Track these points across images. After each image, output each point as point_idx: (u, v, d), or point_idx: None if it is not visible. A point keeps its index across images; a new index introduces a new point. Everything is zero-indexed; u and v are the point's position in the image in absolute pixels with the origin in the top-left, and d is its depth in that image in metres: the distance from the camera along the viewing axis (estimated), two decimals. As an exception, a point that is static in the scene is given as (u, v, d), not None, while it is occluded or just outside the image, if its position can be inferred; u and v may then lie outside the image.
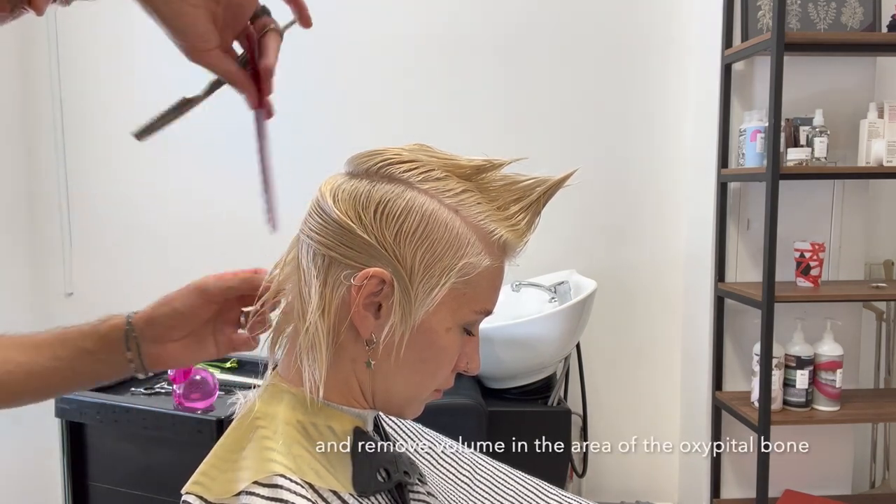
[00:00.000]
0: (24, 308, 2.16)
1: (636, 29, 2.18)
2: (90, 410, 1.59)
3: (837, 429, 2.08)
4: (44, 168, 2.20)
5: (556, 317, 1.75)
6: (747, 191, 2.03)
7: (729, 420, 2.02)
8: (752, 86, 2.01)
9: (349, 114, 2.19)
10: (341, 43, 2.17)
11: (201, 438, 1.49)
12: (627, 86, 2.20)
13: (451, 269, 0.61)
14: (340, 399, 0.65)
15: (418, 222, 0.61)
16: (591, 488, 2.25)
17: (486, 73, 2.18)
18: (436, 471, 0.80)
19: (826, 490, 2.08)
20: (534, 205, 0.65)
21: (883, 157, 1.82)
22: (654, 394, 2.29)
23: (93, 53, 2.19)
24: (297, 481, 0.58)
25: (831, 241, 2.04)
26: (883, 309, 2.17)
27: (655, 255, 2.24)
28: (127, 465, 1.61)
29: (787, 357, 1.88)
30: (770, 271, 1.75)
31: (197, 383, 1.57)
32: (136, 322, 0.69)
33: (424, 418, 0.78)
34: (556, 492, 0.86)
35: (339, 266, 0.62)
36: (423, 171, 0.62)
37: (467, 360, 0.68)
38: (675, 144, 2.21)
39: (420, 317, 0.62)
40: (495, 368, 1.81)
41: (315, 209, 0.64)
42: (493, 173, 0.64)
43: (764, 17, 1.94)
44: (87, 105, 2.20)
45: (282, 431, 0.61)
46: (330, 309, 0.62)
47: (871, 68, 2.03)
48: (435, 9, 2.17)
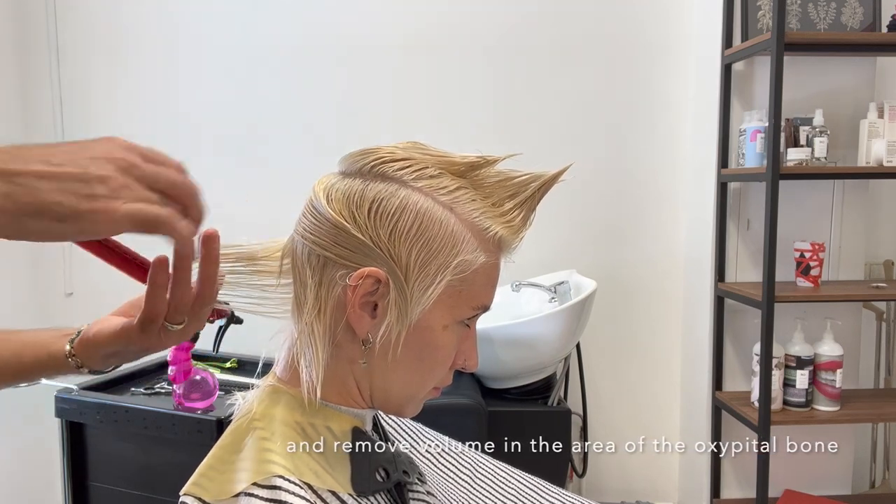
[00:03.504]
0: (24, 308, 2.15)
1: (636, 29, 2.18)
2: (90, 410, 1.59)
3: (837, 429, 2.08)
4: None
5: (556, 317, 1.75)
6: (747, 191, 2.03)
7: (729, 420, 2.02)
8: (752, 86, 2.01)
9: (343, 113, 2.18)
10: (336, 43, 2.17)
11: (201, 438, 1.50)
12: (627, 86, 2.20)
13: (446, 266, 0.61)
14: (338, 399, 0.65)
15: (413, 221, 0.60)
16: (591, 488, 2.25)
17: (486, 72, 2.18)
18: (436, 470, 0.80)
19: (826, 490, 2.08)
20: (529, 200, 0.65)
21: (883, 157, 1.82)
22: (654, 394, 2.29)
23: (93, 53, 2.19)
24: (296, 482, 0.58)
25: (831, 241, 2.04)
26: (883, 309, 2.17)
27: (655, 255, 2.24)
28: (127, 465, 1.61)
29: (787, 357, 1.88)
30: (770, 271, 1.75)
31: (197, 383, 1.57)
32: (77, 350, 0.66)
33: (425, 418, 0.78)
34: (556, 491, 0.85)
35: (334, 266, 0.61)
36: (416, 170, 0.62)
37: (465, 357, 0.68)
38: (675, 144, 2.21)
39: (416, 315, 0.62)
40: (495, 368, 1.80)
41: (309, 209, 0.64)
42: (488, 170, 0.64)
43: (764, 17, 1.94)
44: (88, 105, 2.20)
45: (280, 432, 0.61)
46: (326, 309, 0.62)
47: (871, 68, 2.02)
48: (434, 8, 2.17)
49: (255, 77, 2.19)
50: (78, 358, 0.65)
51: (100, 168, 0.47)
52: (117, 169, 0.48)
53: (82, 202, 0.46)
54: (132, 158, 0.49)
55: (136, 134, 1.97)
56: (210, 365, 1.83)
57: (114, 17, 2.18)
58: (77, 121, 2.20)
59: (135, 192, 0.49)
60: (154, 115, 2.20)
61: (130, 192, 0.48)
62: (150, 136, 2.21)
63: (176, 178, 0.52)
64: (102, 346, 0.63)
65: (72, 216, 0.46)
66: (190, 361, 1.59)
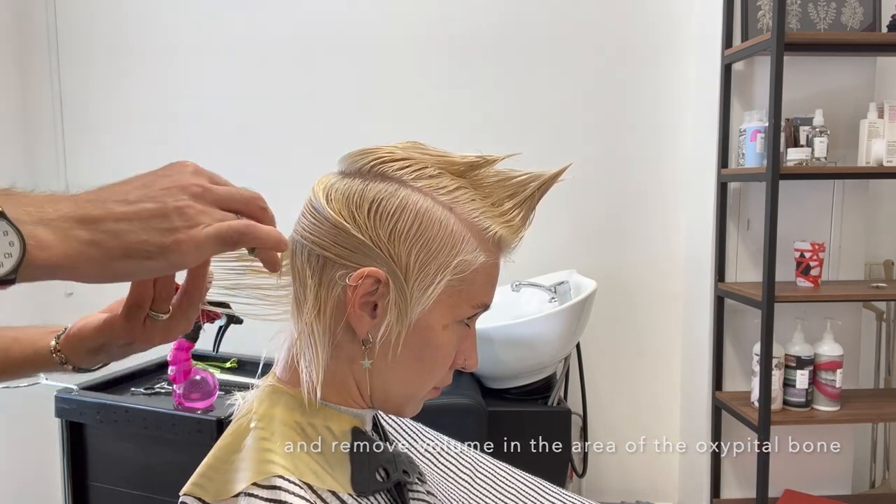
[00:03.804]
0: (23, 308, 2.15)
1: (636, 29, 2.18)
2: (90, 410, 1.59)
3: (837, 429, 2.08)
4: (44, 167, 2.20)
5: (556, 317, 1.75)
6: (747, 191, 2.03)
7: (729, 420, 2.02)
8: (752, 86, 2.01)
9: (342, 113, 2.19)
10: (335, 43, 2.17)
11: (201, 438, 1.50)
12: (627, 86, 2.20)
13: (446, 266, 0.61)
14: (338, 399, 0.65)
15: (412, 221, 0.60)
16: (591, 488, 2.25)
17: (485, 72, 2.18)
18: (436, 470, 0.80)
19: (826, 490, 2.08)
20: (528, 200, 0.65)
21: (883, 157, 1.82)
22: (654, 394, 2.29)
23: (93, 53, 2.19)
24: (296, 482, 0.58)
25: (831, 241, 2.04)
26: (883, 309, 2.17)
27: (655, 255, 2.24)
28: (127, 465, 1.61)
29: (787, 357, 1.88)
30: (770, 271, 1.75)
31: (197, 383, 1.57)
32: (62, 346, 0.67)
33: (425, 418, 0.78)
34: (556, 491, 0.85)
35: (334, 266, 0.61)
36: (416, 169, 0.62)
37: (465, 356, 0.68)
38: (675, 144, 2.21)
39: (416, 315, 0.61)
40: (495, 368, 1.80)
41: (308, 209, 0.64)
42: (487, 169, 0.64)
43: (764, 17, 1.94)
44: (88, 105, 2.20)
45: (280, 432, 0.61)
46: (325, 309, 0.62)
47: (871, 68, 2.02)
48: (433, 7, 2.17)
49: (254, 76, 2.19)
50: (63, 354, 0.66)
51: (176, 199, 0.48)
52: (192, 197, 0.49)
53: (166, 236, 0.47)
54: (202, 182, 0.50)
55: (136, 134, 1.97)
56: (210, 365, 1.83)
57: (114, 17, 2.18)
58: (77, 121, 2.20)
59: (212, 215, 0.49)
60: (154, 115, 2.20)
61: (209, 217, 0.49)
62: (150, 136, 2.21)
63: (245, 194, 0.53)
64: (87, 340, 0.64)
65: (159, 252, 0.47)
66: (190, 361, 1.59)
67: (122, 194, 0.47)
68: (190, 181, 0.50)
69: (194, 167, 0.52)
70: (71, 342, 0.65)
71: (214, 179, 0.52)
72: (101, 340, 0.63)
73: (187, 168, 0.51)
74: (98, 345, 0.63)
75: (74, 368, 0.67)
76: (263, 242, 0.52)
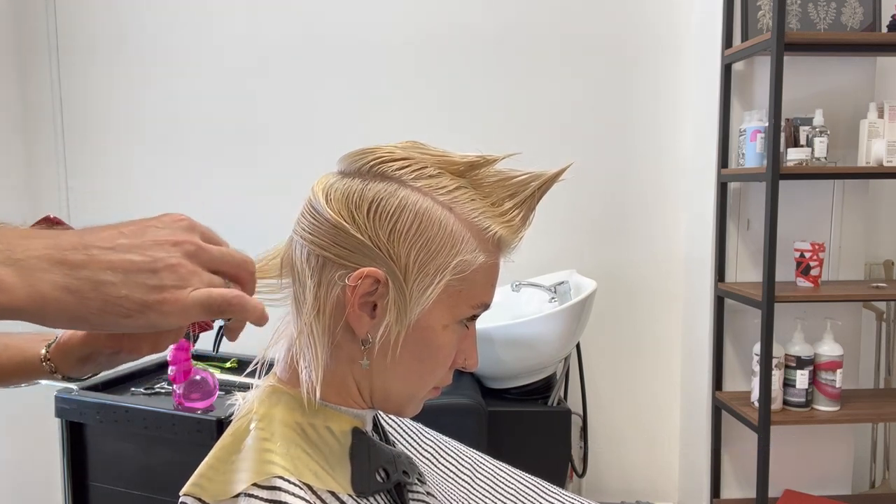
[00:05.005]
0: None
1: (636, 29, 2.18)
2: (90, 410, 1.59)
3: (837, 429, 2.08)
4: (44, 167, 2.20)
5: (556, 317, 1.75)
6: (747, 191, 2.03)
7: (729, 420, 2.02)
8: (752, 86, 2.01)
9: (342, 113, 2.19)
10: (335, 43, 2.17)
11: (201, 438, 1.50)
12: (627, 86, 2.20)
13: (445, 267, 0.61)
14: (338, 399, 0.65)
15: (412, 221, 0.60)
16: (591, 488, 2.25)
17: (485, 71, 2.18)
18: (436, 470, 0.80)
19: (826, 490, 2.08)
20: (528, 200, 0.64)
21: (883, 157, 1.82)
22: (654, 394, 2.29)
23: (93, 53, 2.19)
24: (296, 483, 0.58)
25: (831, 241, 2.04)
26: (883, 309, 2.17)
27: (655, 255, 2.24)
28: (127, 465, 1.61)
29: (787, 357, 1.88)
30: (770, 271, 1.75)
31: (197, 383, 1.57)
32: (52, 355, 0.66)
33: (425, 418, 0.78)
34: (556, 491, 0.85)
35: (334, 266, 0.61)
36: (415, 169, 0.62)
37: (465, 356, 0.68)
38: (676, 144, 2.21)
39: (416, 315, 0.61)
40: (495, 368, 1.80)
41: (308, 209, 0.64)
42: (487, 169, 0.64)
43: (764, 17, 1.94)
44: (88, 105, 2.20)
45: (280, 433, 0.61)
46: (325, 309, 0.62)
47: (871, 68, 2.02)
48: (433, 7, 2.17)
49: (254, 77, 2.19)
50: (52, 362, 0.65)
51: (168, 255, 0.45)
52: (184, 255, 0.46)
53: (150, 294, 0.43)
54: (195, 240, 0.47)
55: (136, 134, 1.97)
56: (210, 365, 1.83)
57: (114, 17, 2.18)
58: (77, 121, 2.20)
59: (202, 277, 0.46)
60: (154, 115, 2.20)
61: (199, 279, 0.46)
62: (150, 136, 2.21)
63: (237, 257, 0.50)
64: (75, 348, 0.63)
65: (138, 310, 0.43)
66: (190, 361, 1.59)
67: (108, 240, 0.44)
68: (184, 237, 0.46)
69: (189, 222, 0.48)
70: (61, 351, 0.64)
71: (207, 236, 0.49)
72: (87, 350, 0.61)
73: (182, 222, 0.48)
74: (85, 354, 0.62)
75: (64, 377, 0.66)
76: (248, 316, 0.49)
